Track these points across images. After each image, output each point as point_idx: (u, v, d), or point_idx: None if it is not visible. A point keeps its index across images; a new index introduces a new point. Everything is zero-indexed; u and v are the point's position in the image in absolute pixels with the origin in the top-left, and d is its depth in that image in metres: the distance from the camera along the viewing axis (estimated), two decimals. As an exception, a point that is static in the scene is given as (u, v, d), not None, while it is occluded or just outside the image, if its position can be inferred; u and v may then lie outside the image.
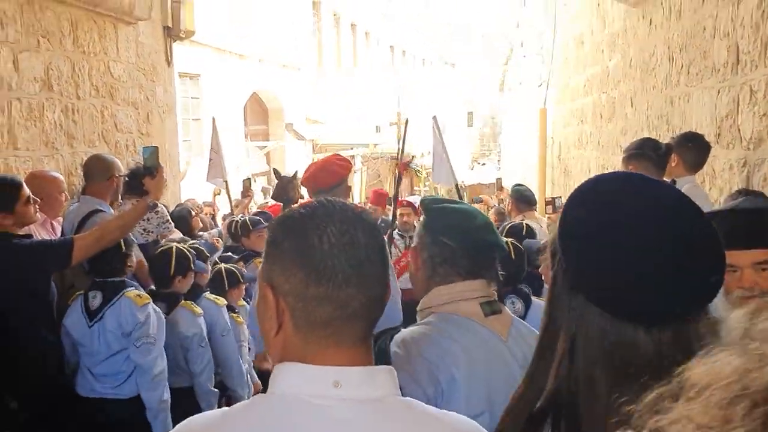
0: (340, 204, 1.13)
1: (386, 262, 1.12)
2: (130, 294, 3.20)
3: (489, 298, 1.82)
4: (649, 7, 5.50)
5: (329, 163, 3.46)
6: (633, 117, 6.10)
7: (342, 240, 1.05)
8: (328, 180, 3.30)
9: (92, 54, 5.48)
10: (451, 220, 1.84)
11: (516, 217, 5.83)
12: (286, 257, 1.07)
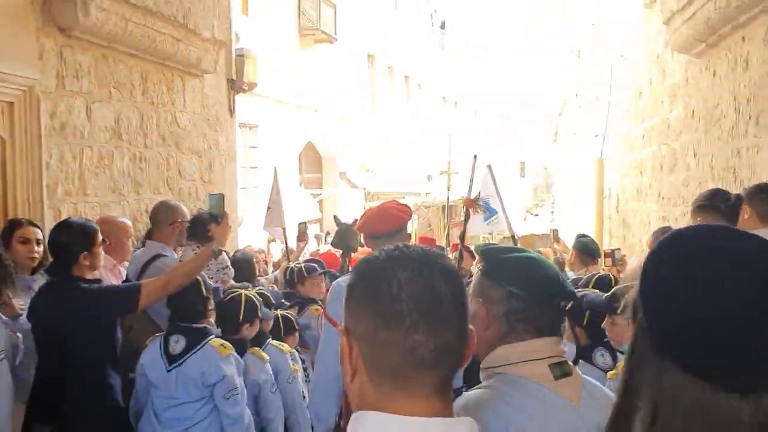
0: (418, 249, 1.12)
1: (463, 309, 1.09)
2: (214, 343, 3.21)
3: (560, 358, 1.66)
4: (713, 58, 5.42)
5: (387, 208, 3.24)
6: (696, 168, 5.97)
7: (415, 285, 1.04)
8: (386, 226, 3.10)
9: (160, 105, 5.67)
10: (523, 270, 1.69)
11: (580, 270, 5.71)
12: (359, 301, 1.07)
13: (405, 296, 1.03)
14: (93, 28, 4.50)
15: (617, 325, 3.10)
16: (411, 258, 1.09)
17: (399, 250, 1.11)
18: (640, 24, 8.88)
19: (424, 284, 1.04)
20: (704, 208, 3.42)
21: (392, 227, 3.09)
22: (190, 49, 5.80)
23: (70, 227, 3.38)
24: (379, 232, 3.07)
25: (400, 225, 3.13)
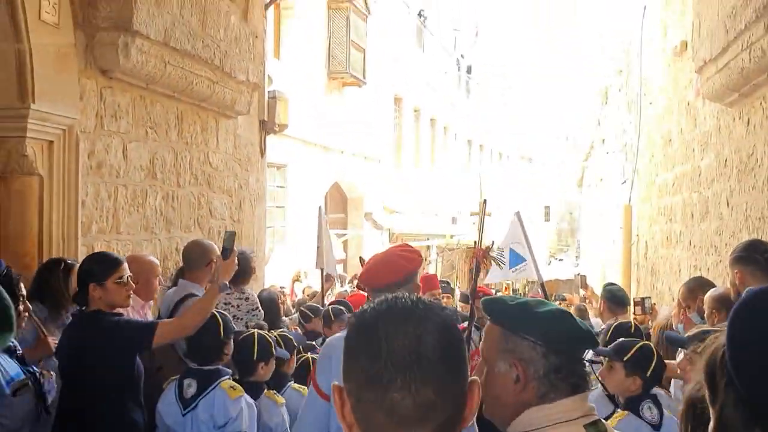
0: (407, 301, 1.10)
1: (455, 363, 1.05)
2: (224, 385, 3.21)
3: (593, 416, 1.56)
4: (746, 107, 5.40)
5: (392, 254, 2.79)
6: (730, 217, 5.89)
7: (395, 341, 1.02)
8: (390, 277, 2.64)
9: (194, 145, 5.76)
10: (557, 324, 1.59)
11: (609, 319, 5.63)
12: (347, 357, 1.07)
13: (384, 353, 1.01)
14: (133, 70, 4.61)
15: (615, 371, 3.10)
16: (396, 311, 1.07)
17: (387, 302, 1.09)
18: (669, 71, 8.89)
19: (404, 339, 1.02)
20: (741, 260, 3.37)
21: (397, 278, 2.65)
22: (225, 92, 5.91)
23: (90, 257, 3.48)
24: (382, 284, 2.60)
25: (407, 275, 2.69)
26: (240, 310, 4.44)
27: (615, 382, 3.14)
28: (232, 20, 5.90)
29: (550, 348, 1.55)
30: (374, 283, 2.68)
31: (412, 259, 2.76)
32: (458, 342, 1.08)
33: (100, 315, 3.24)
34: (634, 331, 3.86)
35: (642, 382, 3.05)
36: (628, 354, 3.06)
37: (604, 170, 17.19)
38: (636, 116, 11.52)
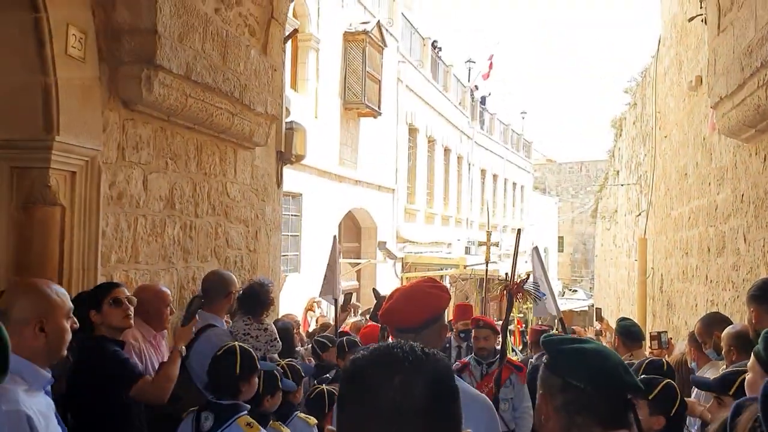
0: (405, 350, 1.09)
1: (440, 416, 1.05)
2: (241, 421, 3.20)
3: None
4: (763, 143, 5.41)
5: (418, 291, 2.49)
6: (747, 253, 5.87)
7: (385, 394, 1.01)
8: (417, 316, 2.38)
9: (212, 175, 5.83)
10: (584, 361, 1.67)
11: (624, 354, 5.59)
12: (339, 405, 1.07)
13: (369, 404, 1.00)
14: (155, 102, 4.69)
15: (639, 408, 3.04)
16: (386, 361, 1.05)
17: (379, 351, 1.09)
18: (684, 105, 8.92)
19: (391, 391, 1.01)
20: (757, 299, 3.37)
21: (424, 318, 2.40)
22: (244, 123, 5.99)
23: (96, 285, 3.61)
24: (407, 325, 2.37)
25: (434, 314, 2.43)
26: (259, 341, 4.46)
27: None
28: (252, 54, 6.00)
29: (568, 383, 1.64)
30: (399, 323, 2.42)
31: (440, 296, 2.48)
32: (449, 395, 1.07)
33: (100, 342, 3.38)
34: (666, 369, 3.79)
35: (665, 422, 3.02)
36: (654, 392, 3.01)
37: (618, 202, 17.16)
38: (650, 149, 11.54)
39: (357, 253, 16.51)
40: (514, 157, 35.18)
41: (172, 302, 4.51)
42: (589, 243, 41.67)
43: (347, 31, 14.71)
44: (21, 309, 2.27)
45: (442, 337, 2.52)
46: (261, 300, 4.59)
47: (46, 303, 2.32)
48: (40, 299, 2.32)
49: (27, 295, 2.34)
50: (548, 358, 1.75)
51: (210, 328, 4.11)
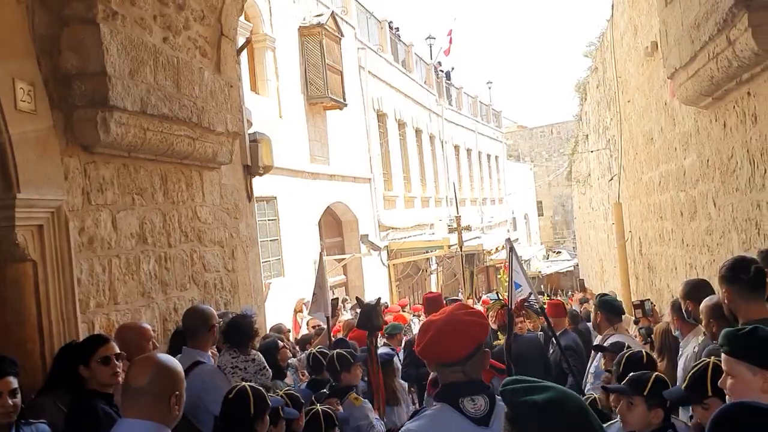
0: None
1: None
2: None
3: None
4: (721, 110, 5.47)
5: (459, 321, 2.43)
6: (718, 218, 5.96)
7: None
8: (463, 348, 2.37)
9: (181, 203, 5.80)
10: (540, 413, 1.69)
11: (606, 330, 5.68)
12: None
13: None
14: (114, 142, 4.64)
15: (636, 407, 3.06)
16: None
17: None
18: (643, 70, 8.97)
19: None
20: (727, 279, 3.41)
21: (470, 349, 2.38)
22: (206, 145, 5.95)
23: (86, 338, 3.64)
24: (455, 359, 2.37)
25: (479, 344, 2.42)
26: (247, 372, 4.48)
27: (638, 418, 3.07)
28: (206, 75, 5.95)
29: None
30: (443, 359, 2.40)
31: (480, 323, 2.46)
32: None
33: (91, 399, 3.39)
34: (647, 362, 3.82)
35: (663, 413, 3.03)
36: (646, 388, 3.02)
37: (590, 166, 17.28)
38: (616, 113, 11.61)
39: (341, 248, 16.52)
40: (486, 129, 35.25)
41: (155, 336, 4.53)
42: (567, 204, 42.05)
43: (302, 25, 14.59)
44: None
45: (485, 363, 2.50)
46: (245, 332, 4.61)
47: None
48: None
49: None
50: (512, 414, 1.76)
51: (198, 365, 4.12)
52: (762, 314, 3.31)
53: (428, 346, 2.42)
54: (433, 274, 22.17)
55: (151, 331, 4.34)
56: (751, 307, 3.34)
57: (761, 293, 3.41)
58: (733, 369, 2.37)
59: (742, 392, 2.31)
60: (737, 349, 2.37)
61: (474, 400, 2.36)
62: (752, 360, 2.32)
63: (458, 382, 2.40)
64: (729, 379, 2.38)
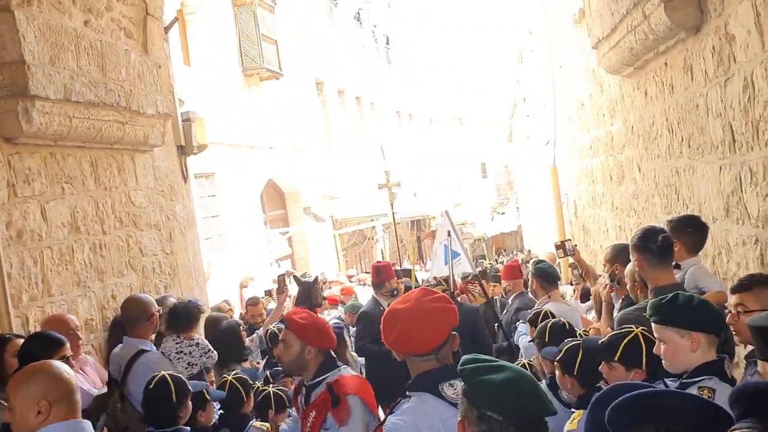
0: None
1: None
2: None
3: None
4: (642, 79, 5.65)
5: (427, 309, 2.42)
6: (642, 182, 6.20)
7: None
8: (435, 338, 2.40)
9: (113, 188, 5.71)
10: (497, 392, 1.78)
11: (542, 296, 5.88)
12: None
13: None
14: (38, 132, 4.53)
15: (615, 370, 3.00)
16: None
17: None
18: (574, 37, 9.14)
19: None
20: (638, 248, 3.61)
21: (443, 338, 2.41)
22: (137, 129, 5.85)
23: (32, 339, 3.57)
24: (428, 350, 2.40)
25: (448, 333, 2.44)
26: (193, 356, 4.53)
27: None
28: (133, 57, 5.82)
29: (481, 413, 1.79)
30: (415, 351, 2.42)
31: (450, 310, 2.47)
32: None
33: None
34: (569, 329, 3.97)
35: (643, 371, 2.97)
36: (617, 351, 2.97)
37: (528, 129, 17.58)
38: (549, 78, 11.81)
39: (285, 220, 16.48)
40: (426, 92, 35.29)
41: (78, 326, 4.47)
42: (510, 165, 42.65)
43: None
44: None
45: (455, 346, 2.51)
46: (187, 318, 4.63)
47: None
48: None
49: None
50: (465, 388, 1.88)
51: (143, 354, 4.15)
52: (669, 281, 3.52)
53: (399, 340, 2.42)
54: (379, 242, 22.34)
55: (72, 321, 4.32)
56: (659, 274, 3.55)
57: (668, 261, 3.63)
58: (663, 335, 2.60)
59: (674, 354, 2.57)
60: (664, 317, 2.60)
61: (453, 385, 2.39)
62: (679, 324, 2.56)
63: (433, 369, 2.43)
64: (662, 345, 2.60)
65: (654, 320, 2.63)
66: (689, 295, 2.68)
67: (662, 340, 2.60)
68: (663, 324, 2.60)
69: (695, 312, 2.55)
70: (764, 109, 3.34)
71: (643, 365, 2.86)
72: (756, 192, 3.57)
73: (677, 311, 2.56)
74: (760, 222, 3.58)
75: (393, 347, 2.49)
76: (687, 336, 2.54)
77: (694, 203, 4.63)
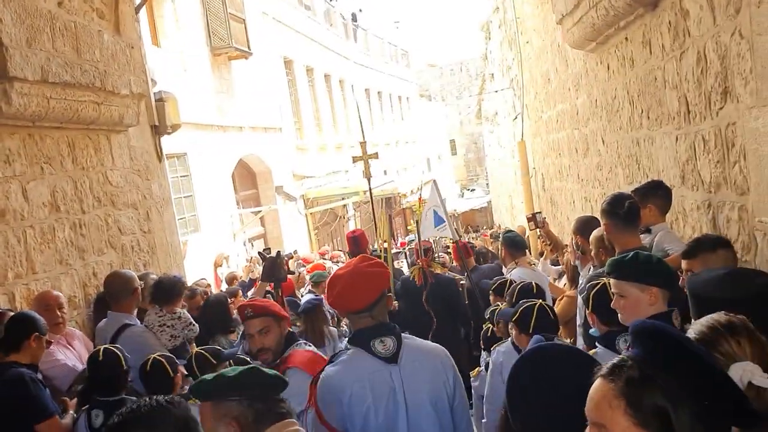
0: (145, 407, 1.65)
1: None
2: None
3: None
4: (605, 54, 5.87)
5: (361, 273, 2.73)
6: (606, 154, 6.44)
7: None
8: (368, 297, 2.69)
9: (90, 168, 5.80)
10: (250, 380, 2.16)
11: (510, 263, 6.14)
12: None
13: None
14: (17, 113, 4.60)
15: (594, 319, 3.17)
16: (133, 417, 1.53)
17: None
18: (539, 12, 9.33)
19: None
20: (605, 213, 3.84)
21: (375, 296, 2.71)
22: (112, 109, 5.92)
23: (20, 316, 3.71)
24: (361, 306, 2.69)
25: (381, 292, 2.74)
26: (176, 329, 4.68)
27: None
28: (106, 38, 5.88)
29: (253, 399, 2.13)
30: (352, 308, 2.70)
31: (382, 273, 2.77)
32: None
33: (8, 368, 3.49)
34: (536, 291, 4.22)
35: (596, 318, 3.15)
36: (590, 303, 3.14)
37: (497, 105, 17.81)
38: (517, 54, 12.02)
39: (256, 200, 16.53)
40: (395, 70, 35.32)
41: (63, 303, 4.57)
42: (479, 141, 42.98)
43: (201, -26, 14.20)
44: None
45: (389, 306, 2.83)
46: (169, 293, 4.76)
47: None
48: None
49: None
50: (217, 394, 2.20)
51: (127, 328, 4.28)
52: (635, 244, 3.76)
53: (338, 299, 2.74)
54: (350, 220, 22.49)
55: (55, 297, 4.44)
56: (626, 237, 3.78)
57: (635, 226, 3.86)
58: (623, 290, 2.79)
59: (633, 308, 2.75)
60: (624, 273, 2.79)
61: (383, 342, 2.68)
62: (639, 279, 2.75)
63: (368, 326, 2.72)
64: (621, 300, 2.80)
65: (614, 276, 2.81)
66: (648, 254, 2.90)
67: (622, 295, 2.79)
68: (624, 279, 2.78)
69: (655, 269, 2.76)
70: (715, 81, 3.56)
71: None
72: (708, 159, 3.81)
73: (639, 267, 2.75)
74: (712, 187, 3.82)
75: (334, 306, 2.85)
76: (647, 290, 2.74)
77: (654, 172, 4.87)
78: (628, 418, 1.29)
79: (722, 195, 3.69)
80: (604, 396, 1.32)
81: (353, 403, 2.60)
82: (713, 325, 1.81)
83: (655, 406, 1.28)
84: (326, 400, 2.60)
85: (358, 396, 2.60)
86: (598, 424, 1.33)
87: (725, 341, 1.77)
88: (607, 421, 1.30)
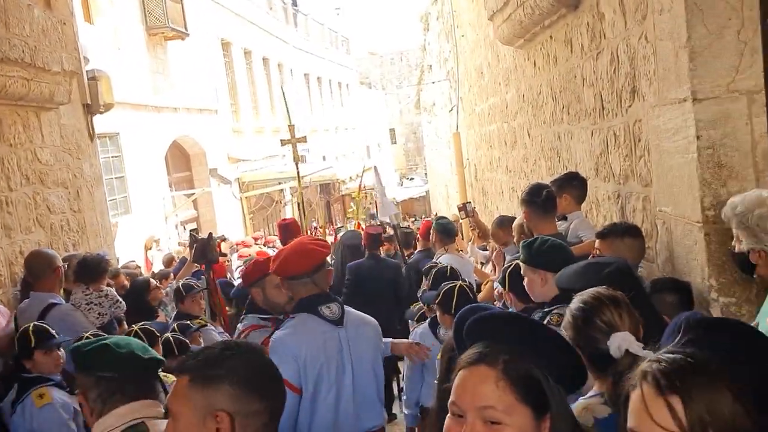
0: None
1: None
2: (34, 394, 3.45)
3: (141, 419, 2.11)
4: (532, 51, 6.12)
5: (304, 245, 3.12)
6: (531, 147, 6.72)
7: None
8: (305, 265, 3.01)
9: (18, 145, 5.70)
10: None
11: (440, 248, 6.37)
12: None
13: None
14: (-59, 87, 4.53)
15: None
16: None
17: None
18: (474, 6, 9.56)
19: None
20: (525, 202, 4.08)
21: (313, 264, 3.03)
22: (42, 86, 5.84)
23: None
24: (300, 272, 3.01)
25: (319, 262, 3.06)
26: (103, 306, 4.69)
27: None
28: (36, 13, 5.78)
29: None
30: (293, 272, 3.03)
31: (324, 245, 3.18)
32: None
33: None
34: (450, 273, 4.47)
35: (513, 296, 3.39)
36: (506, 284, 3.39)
37: (434, 96, 18.07)
38: (453, 46, 12.25)
39: (190, 182, 16.38)
40: (335, 56, 35.28)
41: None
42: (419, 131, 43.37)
43: (137, -49, 13.93)
44: None
45: (329, 279, 3.20)
46: (94, 271, 4.76)
47: None
48: None
49: None
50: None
51: (54, 307, 4.28)
52: (551, 231, 4.01)
53: (281, 265, 3.07)
54: (287, 206, 22.46)
55: None
56: (543, 224, 4.03)
57: (551, 214, 4.12)
58: (525, 272, 3.13)
59: (530, 288, 3.11)
60: (524, 258, 3.13)
61: (330, 307, 3.06)
62: (532, 263, 3.08)
63: (314, 293, 3.05)
64: (525, 279, 3.13)
65: (521, 260, 3.10)
66: (544, 239, 3.15)
67: (525, 276, 3.12)
68: (524, 263, 3.12)
69: (544, 253, 3.05)
70: (625, 80, 3.82)
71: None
72: (618, 153, 4.08)
73: (533, 253, 3.07)
74: (621, 179, 4.09)
75: (277, 273, 3.12)
76: (537, 273, 3.05)
77: (572, 164, 5.15)
78: (513, 394, 1.42)
79: (629, 186, 3.97)
80: (487, 378, 1.42)
81: (308, 362, 2.91)
82: (598, 296, 2.04)
83: (531, 378, 1.44)
84: (280, 360, 2.72)
85: (313, 356, 2.93)
86: (483, 407, 1.40)
87: (608, 311, 2.00)
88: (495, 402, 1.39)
